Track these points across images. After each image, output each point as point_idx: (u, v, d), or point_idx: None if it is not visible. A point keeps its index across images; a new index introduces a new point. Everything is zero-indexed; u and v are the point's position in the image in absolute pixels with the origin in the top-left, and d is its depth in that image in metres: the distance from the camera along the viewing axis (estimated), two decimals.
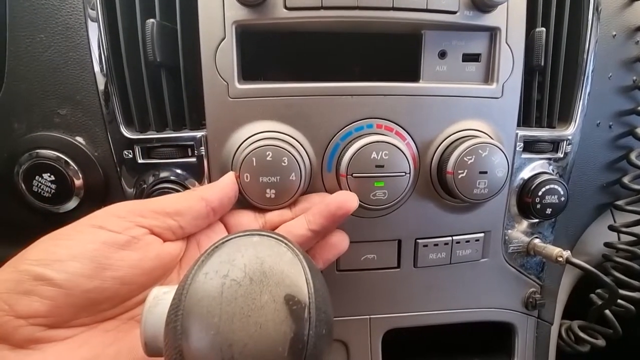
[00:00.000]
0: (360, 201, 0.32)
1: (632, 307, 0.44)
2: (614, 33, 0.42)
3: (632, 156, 0.44)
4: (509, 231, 0.41)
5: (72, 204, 0.36)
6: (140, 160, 0.36)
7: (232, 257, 0.18)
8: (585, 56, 0.40)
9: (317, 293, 0.18)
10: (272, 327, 0.16)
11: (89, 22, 0.34)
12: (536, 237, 0.42)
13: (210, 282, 0.17)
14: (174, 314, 0.17)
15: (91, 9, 0.34)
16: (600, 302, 0.45)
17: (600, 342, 0.46)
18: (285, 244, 0.19)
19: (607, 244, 0.47)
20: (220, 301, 0.16)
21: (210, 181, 0.35)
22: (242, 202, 0.35)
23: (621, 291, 0.44)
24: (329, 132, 0.34)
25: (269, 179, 0.31)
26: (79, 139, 0.36)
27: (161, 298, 0.19)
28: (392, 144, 0.32)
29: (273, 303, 0.16)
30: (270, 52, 0.36)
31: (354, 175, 0.32)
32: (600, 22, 0.41)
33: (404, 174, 0.32)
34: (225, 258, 0.18)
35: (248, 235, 0.19)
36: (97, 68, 0.35)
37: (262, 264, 0.17)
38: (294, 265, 0.18)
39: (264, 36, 0.35)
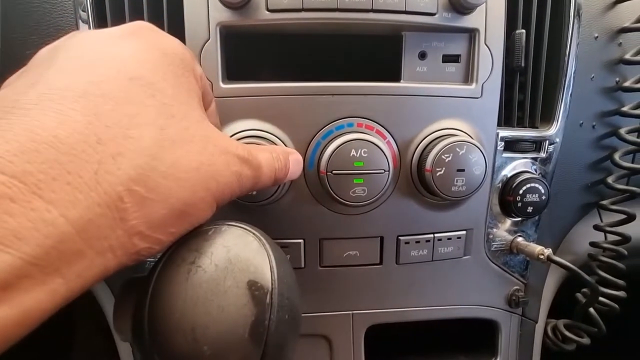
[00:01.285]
0: (340, 197, 0.33)
1: (616, 305, 0.45)
2: (596, 35, 0.43)
3: (616, 156, 0.44)
4: (492, 229, 0.42)
5: None
6: None
7: (199, 246, 0.19)
8: (566, 58, 0.40)
9: (281, 280, 0.18)
10: (234, 311, 0.17)
11: (80, 24, 0.35)
12: (519, 236, 0.43)
13: (177, 269, 0.18)
14: (142, 299, 0.18)
15: (82, 10, 0.35)
16: (584, 301, 0.46)
17: (585, 340, 0.47)
18: (253, 234, 0.20)
19: (592, 244, 0.47)
20: (186, 287, 0.17)
21: None
22: None
23: (604, 290, 0.44)
24: (310, 130, 0.34)
25: None
26: None
27: (132, 285, 0.20)
28: (370, 142, 0.32)
29: (236, 288, 0.17)
30: (255, 52, 0.37)
31: (333, 172, 0.33)
32: (582, 24, 0.41)
33: (382, 171, 0.33)
34: (194, 247, 0.19)
35: (217, 225, 0.20)
36: None
37: (228, 251, 0.18)
38: (259, 254, 0.19)
39: (249, 37, 0.36)
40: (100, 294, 0.43)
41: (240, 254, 0.18)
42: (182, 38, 0.34)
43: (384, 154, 0.33)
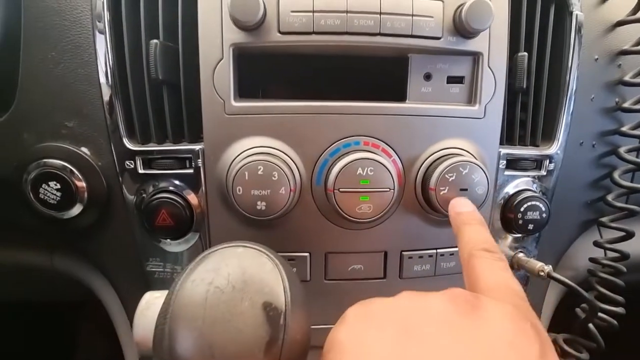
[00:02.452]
0: (346, 214, 0.34)
1: (615, 321, 0.46)
2: (596, 57, 0.44)
3: (616, 175, 0.45)
4: None
5: (76, 210, 0.38)
6: (141, 171, 0.38)
7: (217, 266, 0.20)
8: (567, 78, 0.41)
9: (294, 301, 0.19)
10: (251, 332, 0.18)
11: (97, 41, 0.37)
12: (520, 252, 0.44)
13: (196, 289, 0.19)
14: (162, 317, 0.19)
15: (99, 33, 0.36)
16: (584, 316, 0.46)
17: (585, 355, 0.47)
18: (267, 255, 0.21)
19: (592, 260, 0.48)
20: (204, 306, 0.18)
21: (206, 192, 0.37)
22: (234, 212, 0.37)
23: (603, 305, 0.45)
24: (318, 148, 0.35)
25: (260, 192, 0.33)
26: (84, 149, 0.38)
27: (152, 302, 0.21)
28: (377, 161, 0.33)
29: (252, 309, 0.18)
30: (266, 72, 0.38)
31: (340, 189, 0.34)
32: (583, 46, 0.42)
33: (388, 189, 0.34)
34: (211, 267, 0.20)
35: (233, 246, 0.21)
36: (103, 81, 0.37)
37: (244, 273, 0.19)
38: (273, 275, 0.20)
39: (260, 56, 0.37)
40: (111, 304, 0.44)
41: (256, 275, 0.19)
42: (195, 57, 0.35)
43: (390, 172, 0.34)
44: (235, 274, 0.19)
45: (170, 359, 0.18)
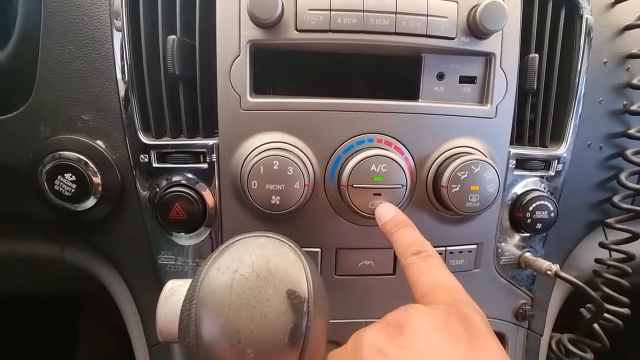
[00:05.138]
0: (359, 210, 0.35)
1: (620, 322, 0.46)
2: (605, 60, 0.44)
3: (622, 177, 0.46)
4: (501, 244, 0.43)
5: (90, 203, 0.38)
6: (155, 165, 0.38)
7: (241, 255, 0.20)
8: (576, 81, 0.42)
9: (316, 290, 0.20)
10: (275, 318, 0.18)
11: (115, 36, 0.37)
12: (527, 251, 0.44)
13: (222, 277, 0.19)
14: (188, 303, 0.19)
15: (117, 29, 0.37)
16: (589, 316, 0.47)
17: (589, 355, 0.48)
18: (289, 245, 0.21)
19: (597, 260, 0.49)
20: (230, 293, 0.19)
21: (219, 186, 0.38)
22: (247, 206, 0.37)
23: (609, 306, 0.45)
24: (332, 144, 0.36)
25: (275, 187, 0.33)
26: (100, 142, 0.39)
27: (176, 290, 0.21)
28: (390, 158, 0.34)
29: (276, 297, 0.19)
30: (281, 68, 0.39)
31: (354, 185, 0.34)
32: (592, 49, 0.43)
33: (400, 186, 0.34)
34: (235, 256, 0.20)
35: (256, 236, 0.22)
36: (119, 76, 0.37)
37: (268, 262, 0.20)
38: (296, 264, 0.20)
39: (275, 53, 0.37)
40: (121, 297, 0.44)
41: (279, 265, 0.20)
42: (212, 53, 0.36)
43: (403, 169, 0.34)
44: (259, 263, 0.20)
45: (197, 343, 0.18)
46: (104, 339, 0.88)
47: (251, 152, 0.35)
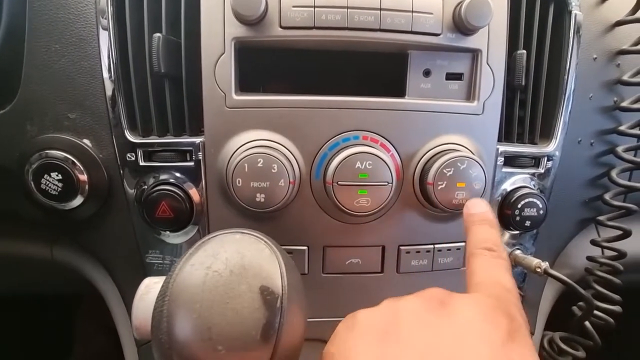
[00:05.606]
0: (344, 207, 0.35)
1: (611, 319, 0.46)
2: (595, 56, 0.44)
3: (613, 174, 0.45)
4: None
5: (77, 201, 0.38)
6: (142, 163, 0.38)
7: (216, 252, 0.20)
8: (566, 77, 0.42)
9: (290, 286, 0.20)
10: (247, 314, 0.18)
11: (101, 34, 0.37)
12: (517, 249, 0.44)
13: (195, 273, 0.19)
14: (161, 300, 0.19)
15: (103, 28, 0.37)
16: (580, 314, 0.47)
17: (581, 353, 0.48)
18: (265, 242, 0.21)
19: (589, 258, 0.49)
20: (203, 289, 0.18)
21: (206, 184, 0.38)
22: (233, 204, 0.37)
23: (600, 304, 0.45)
24: (318, 142, 0.36)
25: (259, 184, 0.33)
26: (86, 141, 0.39)
27: (152, 287, 0.21)
28: (375, 155, 0.34)
29: (249, 292, 0.19)
30: (267, 66, 0.39)
31: (339, 183, 0.34)
32: (582, 45, 0.43)
33: (386, 183, 0.34)
34: (210, 252, 0.20)
35: (232, 233, 0.21)
36: (106, 75, 0.37)
37: (242, 258, 0.20)
38: (271, 261, 0.20)
39: (261, 51, 0.37)
40: (110, 296, 0.44)
41: (254, 261, 0.20)
42: (197, 51, 0.36)
43: (388, 166, 0.34)
44: (234, 259, 0.19)
45: (169, 340, 0.18)
46: (98, 338, 0.88)
47: (236, 150, 0.35)
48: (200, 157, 0.37)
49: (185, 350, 0.18)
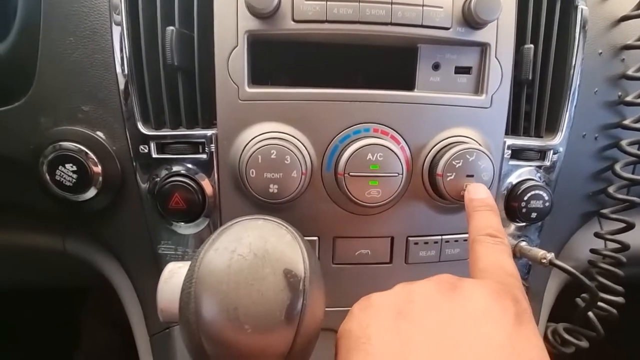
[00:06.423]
0: (355, 198, 0.35)
1: (614, 310, 0.47)
2: (600, 51, 0.45)
3: (617, 167, 0.46)
4: None
5: (90, 193, 0.39)
6: (154, 155, 0.39)
7: (239, 236, 0.20)
8: (572, 72, 0.42)
9: (312, 270, 0.20)
10: (272, 295, 0.19)
11: (114, 28, 0.37)
12: (523, 240, 0.45)
13: (220, 257, 0.20)
14: (188, 282, 0.20)
15: (116, 23, 0.37)
16: (584, 305, 0.47)
17: (584, 343, 0.48)
18: (286, 227, 0.22)
19: (593, 251, 0.49)
20: (228, 272, 0.19)
21: (218, 176, 0.38)
22: (246, 196, 0.38)
23: (603, 295, 0.46)
24: (329, 134, 0.36)
25: (273, 175, 0.34)
26: (100, 133, 0.39)
27: (175, 271, 0.22)
28: (386, 147, 0.34)
29: (273, 275, 0.19)
30: (278, 59, 0.39)
31: (350, 174, 0.35)
32: (587, 40, 0.43)
33: (396, 174, 0.35)
34: (233, 237, 0.21)
35: (254, 219, 0.22)
36: (119, 69, 0.38)
37: (265, 242, 0.20)
38: (292, 246, 0.21)
39: (273, 44, 0.38)
40: (121, 287, 0.45)
41: (276, 245, 0.20)
42: (210, 44, 0.36)
43: (399, 158, 0.35)
44: (257, 243, 0.20)
45: (197, 320, 0.19)
46: (104, 333, 0.89)
47: (249, 141, 0.35)
48: (213, 149, 0.38)
49: (212, 329, 0.18)
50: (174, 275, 0.22)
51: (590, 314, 0.48)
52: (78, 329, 0.89)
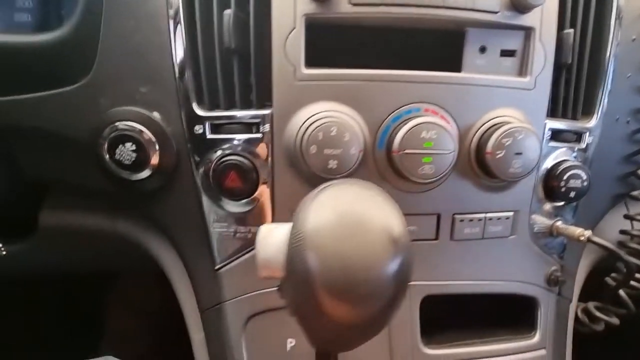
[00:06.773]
0: (409, 175, 0.37)
1: None
2: (634, 37, 0.46)
3: None
4: (535, 213, 0.45)
5: (147, 172, 0.40)
6: (209, 136, 0.40)
7: (337, 195, 0.22)
8: (607, 57, 0.44)
9: (406, 230, 0.22)
10: (378, 250, 0.20)
11: (170, 11, 0.39)
12: (559, 220, 0.46)
13: (323, 214, 0.21)
14: (295, 238, 0.21)
15: (173, 5, 0.38)
16: (614, 284, 0.49)
17: (614, 320, 0.50)
18: (377, 188, 0.24)
19: (622, 232, 0.51)
20: (333, 227, 0.21)
21: (272, 155, 0.40)
22: (300, 173, 0.39)
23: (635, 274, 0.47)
24: (382, 113, 0.38)
25: (332, 151, 0.35)
26: (156, 114, 0.40)
27: (273, 230, 0.23)
28: (440, 125, 0.36)
29: (375, 233, 0.21)
30: (330, 41, 0.40)
31: (405, 151, 0.36)
32: (622, 27, 0.45)
33: (449, 151, 0.36)
34: (332, 196, 0.22)
35: (347, 181, 0.24)
36: (175, 52, 0.39)
37: (363, 201, 0.22)
38: (387, 205, 0.22)
39: (326, 27, 0.39)
40: (172, 267, 0.46)
41: (373, 203, 0.22)
42: (265, 26, 0.37)
43: (451, 136, 0.36)
44: (356, 202, 0.22)
45: (305, 272, 0.20)
46: (130, 321, 0.90)
47: (307, 119, 0.37)
48: (267, 129, 0.39)
49: (324, 279, 0.20)
50: (270, 235, 0.23)
51: (620, 291, 0.49)
52: (104, 315, 0.90)
